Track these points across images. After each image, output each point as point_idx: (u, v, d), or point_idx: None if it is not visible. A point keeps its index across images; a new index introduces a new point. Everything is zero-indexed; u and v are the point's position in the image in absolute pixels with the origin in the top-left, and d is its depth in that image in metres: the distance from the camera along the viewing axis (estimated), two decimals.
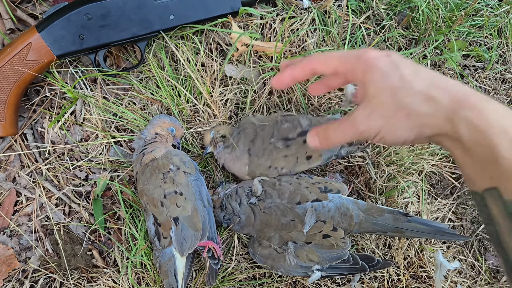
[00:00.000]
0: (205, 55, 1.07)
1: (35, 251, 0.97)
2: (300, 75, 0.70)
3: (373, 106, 0.61)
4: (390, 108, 0.59)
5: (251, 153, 0.96)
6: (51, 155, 1.02)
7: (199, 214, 0.91)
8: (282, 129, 0.95)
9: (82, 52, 0.97)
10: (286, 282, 1.00)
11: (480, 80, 1.24)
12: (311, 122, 0.96)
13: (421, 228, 0.92)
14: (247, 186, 0.97)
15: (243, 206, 0.95)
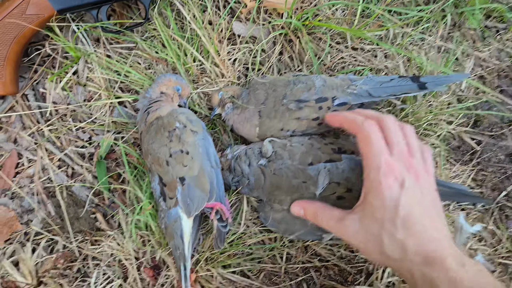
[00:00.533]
0: (213, 12, 1.02)
1: (37, 213, 0.94)
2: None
3: (361, 224, 0.71)
4: (372, 237, 0.69)
5: (261, 114, 0.91)
6: (53, 116, 0.99)
7: (206, 174, 0.87)
8: (295, 90, 0.90)
9: (83, 7, 0.93)
10: (297, 247, 0.96)
11: (502, 42, 1.17)
12: (326, 83, 0.90)
13: (441, 190, 0.86)
14: (257, 147, 0.92)
15: (252, 168, 0.90)
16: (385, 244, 0.67)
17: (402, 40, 1.04)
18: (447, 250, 0.64)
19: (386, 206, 0.67)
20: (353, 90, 0.89)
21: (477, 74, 1.13)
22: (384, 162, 0.69)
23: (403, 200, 0.67)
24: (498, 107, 1.13)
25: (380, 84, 0.88)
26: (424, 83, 0.86)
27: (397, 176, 0.69)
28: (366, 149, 0.73)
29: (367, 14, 1.06)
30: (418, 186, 0.69)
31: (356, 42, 1.03)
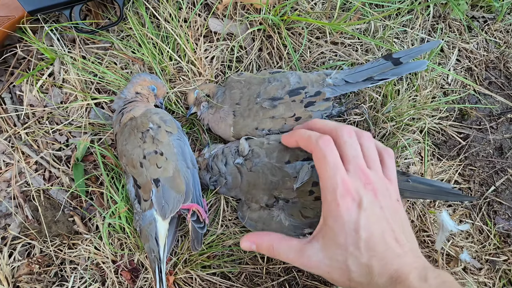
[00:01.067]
0: (188, 10, 1.00)
1: (15, 217, 0.94)
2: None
3: (324, 253, 0.68)
4: (337, 265, 0.66)
5: (236, 114, 0.89)
6: (30, 119, 0.98)
7: (181, 175, 0.85)
8: (269, 88, 0.88)
9: (55, 7, 0.92)
10: None
11: (490, 32, 1.14)
12: (301, 79, 0.88)
13: (422, 188, 0.84)
14: (234, 146, 0.90)
15: (229, 167, 0.88)
16: (352, 270, 0.65)
17: (383, 33, 1.01)
18: (409, 266, 0.61)
19: (347, 230, 0.65)
20: (328, 82, 0.87)
21: (464, 66, 1.11)
22: (340, 182, 0.66)
23: (362, 221, 0.64)
24: (486, 99, 1.10)
25: (354, 70, 0.86)
26: (398, 58, 0.84)
27: (354, 196, 0.66)
28: (321, 169, 0.70)
29: (348, 7, 1.04)
30: (377, 202, 0.66)
31: (336, 36, 1.01)
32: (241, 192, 0.89)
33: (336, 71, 0.88)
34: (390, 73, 0.86)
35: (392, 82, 0.98)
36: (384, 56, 0.85)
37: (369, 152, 0.72)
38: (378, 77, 0.86)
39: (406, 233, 0.67)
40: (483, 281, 0.97)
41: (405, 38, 1.04)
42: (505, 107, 1.10)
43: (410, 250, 0.64)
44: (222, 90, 0.92)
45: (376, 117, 0.98)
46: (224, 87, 0.93)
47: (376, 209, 0.66)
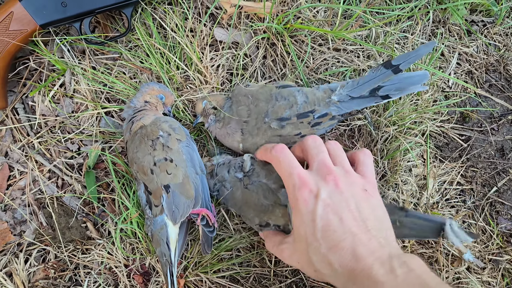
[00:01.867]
0: (194, 19, 1.03)
1: (30, 224, 0.97)
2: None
3: (295, 248, 0.71)
4: (304, 258, 0.68)
5: (244, 131, 0.92)
6: (43, 128, 1.01)
7: (191, 181, 0.88)
8: (277, 107, 0.90)
9: (66, 20, 0.95)
10: None
11: (489, 36, 1.16)
12: (308, 98, 0.90)
13: (420, 223, 0.81)
14: (240, 160, 0.93)
15: (230, 176, 0.91)
16: (314, 261, 0.65)
17: (384, 39, 1.04)
18: (373, 256, 0.60)
19: (305, 220, 0.66)
20: (334, 99, 0.90)
21: (464, 70, 1.13)
22: (297, 178, 0.69)
23: (319, 210, 0.65)
24: (486, 102, 1.12)
25: (357, 83, 0.89)
26: (397, 65, 0.86)
27: (312, 188, 0.68)
28: (280, 173, 0.74)
29: (349, 14, 1.06)
30: (337, 192, 0.67)
31: (338, 43, 1.03)
32: (236, 206, 0.90)
33: (341, 87, 0.90)
34: (394, 88, 0.88)
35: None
36: (384, 64, 0.87)
37: (335, 152, 0.75)
38: (382, 93, 0.88)
39: (376, 221, 0.66)
40: (487, 280, 0.99)
41: (405, 43, 1.07)
42: (506, 109, 1.12)
43: (375, 237, 0.63)
44: (229, 103, 0.94)
45: (379, 121, 1.00)
46: (231, 100, 0.95)
47: (337, 198, 0.66)
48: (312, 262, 0.66)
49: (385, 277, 0.57)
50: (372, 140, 1.02)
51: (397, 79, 0.88)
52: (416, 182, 1.02)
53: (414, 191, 1.01)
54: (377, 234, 0.64)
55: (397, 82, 0.88)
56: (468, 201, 1.06)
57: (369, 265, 0.59)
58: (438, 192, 1.04)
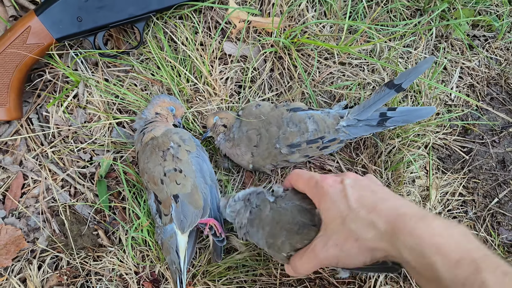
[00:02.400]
0: (204, 33, 1.06)
1: (43, 231, 0.99)
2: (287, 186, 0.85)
3: (328, 234, 0.68)
4: (342, 235, 0.66)
5: (254, 154, 0.96)
6: (56, 138, 1.04)
7: (199, 191, 0.91)
8: (288, 134, 0.93)
9: (81, 34, 0.98)
10: None
11: (491, 50, 1.19)
12: (318, 126, 0.93)
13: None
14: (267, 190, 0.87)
15: (260, 200, 0.84)
16: (354, 228, 0.64)
17: (389, 53, 1.07)
18: (411, 212, 0.60)
19: (336, 199, 0.67)
20: (342, 125, 0.94)
21: (466, 83, 1.16)
22: (318, 175, 0.74)
23: (348, 188, 0.68)
24: (488, 115, 1.15)
25: (363, 106, 0.92)
26: (400, 84, 0.89)
27: (335, 178, 0.71)
28: (302, 181, 0.77)
29: (354, 29, 1.09)
30: (359, 181, 0.70)
31: (344, 57, 1.06)
32: (263, 230, 0.80)
33: (349, 112, 0.94)
34: (401, 120, 0.92)
35: (397, 100, 1.03)
36: (387, 84, 0.90)
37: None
38: (390, 124, 0.93)
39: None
40: None
41: (409, 57, 1.10)
42: (507, 122, 1.15)
43: (406, 200, 0.67)
44: (237, 124, 0.97)
45: (383, 133, 1.03)
46: (240, 121, 0.97)
47: (360, 183, 0.70)
48: (352, 232, 0.64)
49: (441, 228, 0.56)
50: (376, 152, 1.05)
51: (406, 111, 0.92)
52: (419, 193, 1.04)
53: (417, 202, 1.03)
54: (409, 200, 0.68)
55: (405, 115, 0.92)
56: (469, 212, 1.08)
57: (409, 218, 0.59)
58: (440, 203, 1.06)
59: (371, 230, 0.62)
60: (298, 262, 0.74)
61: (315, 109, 0.98)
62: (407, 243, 0.57)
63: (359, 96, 1.05)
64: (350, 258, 0.66)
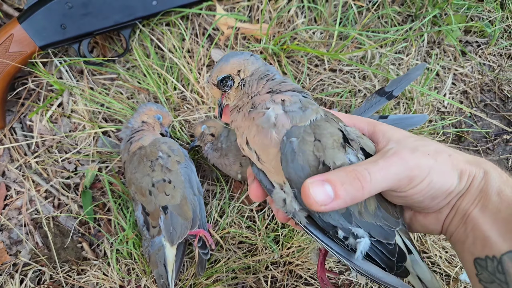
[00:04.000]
0: (192, 40, 1.04)
1: (26, 244, 0.96)
2: None
3: (409, 145, 0.53)
4: (432, 147, 0.53)
5: (243, 164, 0.92)
6: (40, 148, 1.01)
7: (188, 202, 0.88)
8: None
9: (65, 42, 0.96)
10: (281, 270, 0.96)
11: (484, 56, 1.18)
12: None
13: None
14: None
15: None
16: (447, 148, 0.55)
17: (380, 60, 1.05)
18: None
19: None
20: None
21: (459, 90, 1.14)
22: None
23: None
24: (482, 121, 1.13)
25: (354, 114, 0.89)
26: (390, 92, 0.87)
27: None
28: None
29: (345, 36, 1.08)
30: None
31: (334, 63, 1.04)
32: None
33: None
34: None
35: (389, 108, 1.01)
36: (378, 91, 0.88)
37: None
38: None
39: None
40: None
41: (401, 64, 1.08)
42: (500, 129, 1.13)
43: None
44: (225, 133, 0.95)
45: None
46: (228, 130, 0.95)
47: None
48: (443, 147, 0.55)
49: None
50: None
51: (398, 119, 0.89)
52: None
53: None
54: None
55: (396, 123, 0.89)
56: None
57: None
58: None
59: (464, 155, 0.54)
60: (372, 176, 0.49)
61: None
62: (498, 177, 0.51)
63: (350, 104, 1.03)
64: (443, 174, 0.53)
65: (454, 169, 0.52)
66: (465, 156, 0.54)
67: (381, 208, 0.54)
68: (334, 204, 0.48)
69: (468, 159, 0.53)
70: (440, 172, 0.52)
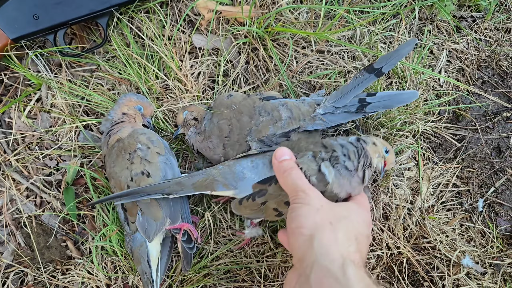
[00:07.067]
0: (172, 27, 1.00)
1: (7, 246, 0.93)
2: None
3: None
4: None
5: (225, 146, 0.88)
6: (20, 145, 0.97)
7: (158, 201, 0.84)
8: (260, 125, 0.86)
9: (39, 33, 0.92)
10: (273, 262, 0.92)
11: (479, 32, 1.13)
12: (292, 113, 0.86)
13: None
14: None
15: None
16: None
17: (369, 38, 1.00)
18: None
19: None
20: (319, 113, 0.86)
21: (455, 67, 1.09)
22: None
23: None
24: (480, 99, 1.08)
25: (341, 92, 0.84)
26: (380, 68, 0.82)
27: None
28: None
29: (332, 15, 1.03)
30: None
31: (322, 44, 1.00)
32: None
33: (326, 100, 0.86)
34: (382, 106, 0.85)
35: (381, 87, 0.97)
36: (366, 68, 0.83)
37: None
38: (370, 109, 0.85)
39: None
40: (488, 286, 0.94)
41: (392, 42, 1.03)
42: (500, 106, 1.08)
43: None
44: (209, 115, 0.91)
45: (367, 123, 0.96)
46: (211, 112, 0.91)
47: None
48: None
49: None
50: None
51: (386, 96, 0.85)
52: (409, 186, 0.97)
53: (407, 195, 0.97)
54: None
55: (385, 100, 0.85)
56: (465, 204, 1.01)
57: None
58: (433, 195, 0.99)
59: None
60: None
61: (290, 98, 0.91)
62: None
63: (339, 85, 0.98)
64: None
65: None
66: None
67: None
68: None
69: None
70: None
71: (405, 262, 0.94)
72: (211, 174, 0.83)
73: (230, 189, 0.83)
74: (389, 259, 0.94)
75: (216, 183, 0.83)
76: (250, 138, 0.85)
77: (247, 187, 0.82)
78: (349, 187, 0.79)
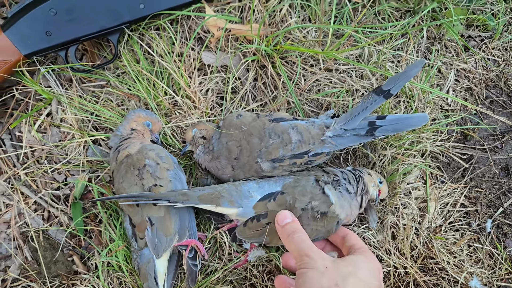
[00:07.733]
0: (182, 43, 1.01)
1: (15, 259, 0.93)
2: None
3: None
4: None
5: (235, 168, 0.88)
6: (29, 159, 0.98)
7: (172, 216, 0.84)
8: (270, 147, 0.86)
9: (51, 49, 0.94)
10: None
11: (488, 51, 1.13)
12: (302, 137, 0.86)
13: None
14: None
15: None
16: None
17: (377, 57, 1.00)
18: None
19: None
20: (329, 135, 0.86)
21: (463, 86, 1.09)
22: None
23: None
24: (488, 119, 1.08)
25: (350, 114, 0.85)
26: (388, 90, 0.82)
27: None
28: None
29: (340, 33, 1.04)
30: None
31: (330, 63, 1.00)
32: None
33: (336, 122, 0.86)
34: (391, 129, 0.85)
35: (389, 107, 0.97)
36: (375, 90, 0.83)
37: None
38: (379, 133, 0.85)
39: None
40: None
41: (400, 61, 1.04)
42: (509, 126, 1.08)
43: None
44: (217, 135, 0.91)
45: (375, 142, 0.96)
46: (220, 132, 0.91)
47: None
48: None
49: None
50: (369, 162, 0.98)
51: (396, 119, 0.85)
52: (417, 205, 0.97)
53: (415, 214, 0.96)
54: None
55: (395, 123, 0.85)
56: (473, 224, 1.00)
57: None
58: (440, 215, 0.99)
59: None
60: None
61: (299, 119, 0.91)
62: None
63: (347, 104, 0.99)
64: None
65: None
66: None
67: None
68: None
69: None
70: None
71: (411, 283, 0.93)
72: (217, 190, 0.85)
73: (235, 207, 0.84)
74: (396, 279, 0.93)
75: (222, 199, 0.84)
76: (260, 159, 0.86)
77: (251, 207, 0.83)
78: (349, 210, 0.85)
